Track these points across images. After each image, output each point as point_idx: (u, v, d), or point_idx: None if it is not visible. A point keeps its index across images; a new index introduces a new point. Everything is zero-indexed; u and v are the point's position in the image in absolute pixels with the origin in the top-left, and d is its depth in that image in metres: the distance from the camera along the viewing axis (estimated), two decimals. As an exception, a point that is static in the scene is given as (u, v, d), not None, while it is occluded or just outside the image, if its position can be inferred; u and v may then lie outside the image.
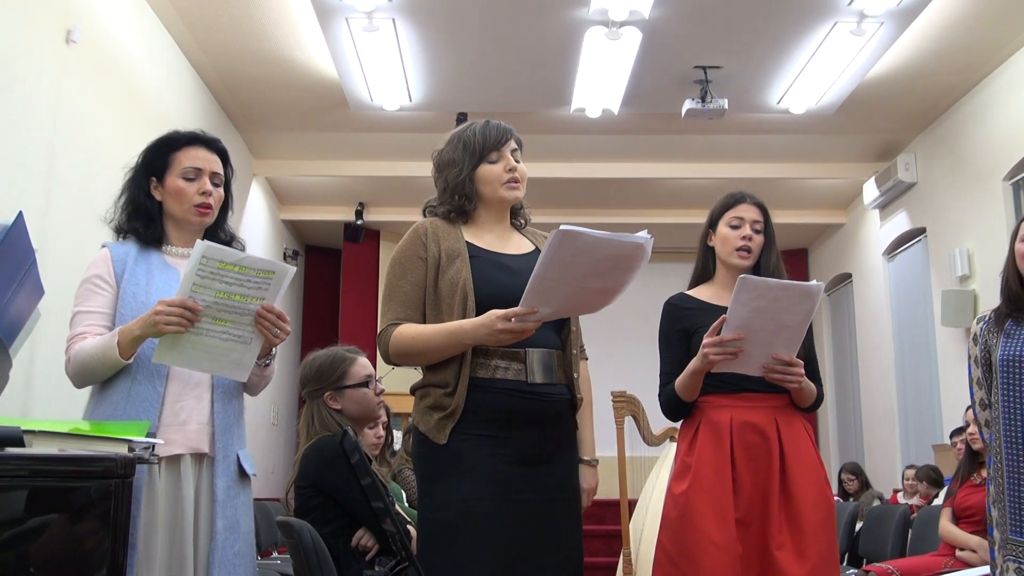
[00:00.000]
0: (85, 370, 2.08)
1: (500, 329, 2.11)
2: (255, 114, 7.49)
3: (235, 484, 2.19)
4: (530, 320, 2.11)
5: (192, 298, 1.99)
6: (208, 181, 2.25)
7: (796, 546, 2.40)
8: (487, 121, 2.44)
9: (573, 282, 2.09)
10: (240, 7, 5.81)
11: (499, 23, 5.96)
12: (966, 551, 3.95)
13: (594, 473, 2.44)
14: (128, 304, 2.13)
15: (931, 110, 7.33)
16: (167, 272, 2.22)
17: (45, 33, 4.47)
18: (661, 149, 8.03)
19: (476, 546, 2.17)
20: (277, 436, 9.45)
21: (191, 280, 1.98)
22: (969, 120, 6.99)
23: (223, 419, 2.19)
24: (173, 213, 2.26)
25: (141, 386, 2.09)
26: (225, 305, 2.03)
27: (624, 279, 2.14)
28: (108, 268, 2.17)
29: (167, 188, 2.24)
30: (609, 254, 2.07)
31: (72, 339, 2.11)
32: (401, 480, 4.93)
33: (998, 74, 6.52)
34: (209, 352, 2.07)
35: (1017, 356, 2.47)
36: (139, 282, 2.16)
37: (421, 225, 2.41)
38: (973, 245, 6.93)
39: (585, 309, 2.28)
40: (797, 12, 5.76)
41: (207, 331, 2.04)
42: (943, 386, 7.36)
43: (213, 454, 2.16)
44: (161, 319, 1.98)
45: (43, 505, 1.22)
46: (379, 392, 3.10)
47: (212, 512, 2.13)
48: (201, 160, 2.26)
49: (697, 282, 2.74)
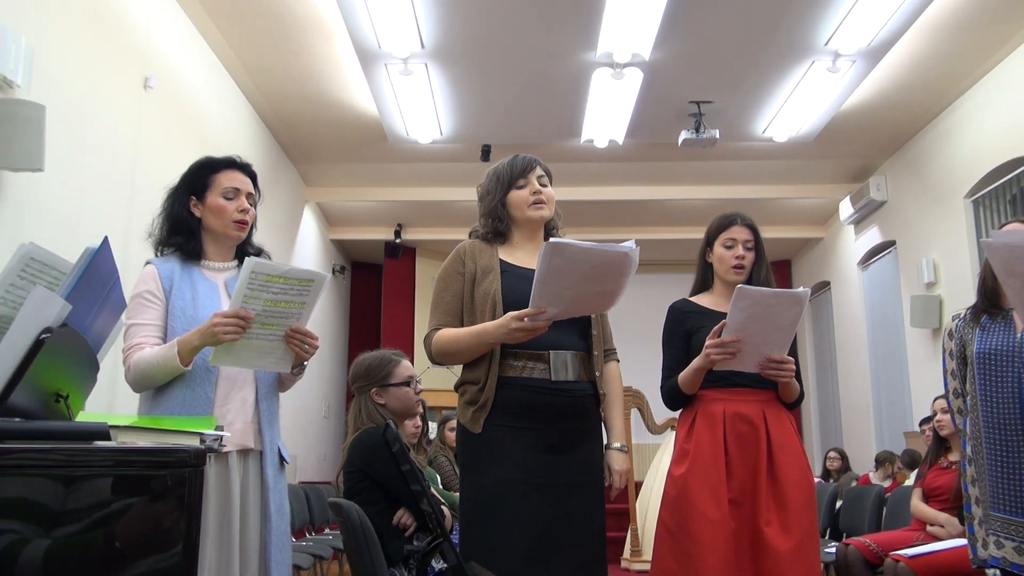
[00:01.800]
0: (146, 377, 2.06)
1: (514, 328, 2.13)
2: (307, 148, 7.54)
3: (278, 472, 2.18)
4: (539, 320, 2.12)
5: (244, 308, 1.98)
6: (245, 200, 2.23)
7: (782, 522, 2.39)
8: (516, 155, 2.46)
9: (572, 286, 2.10)
10: (294, 57, 5.86)
11: (517, 66, 5.97)
12: (935, 526, 3.91)
13: (624, 457, 2.42)
14: (178, 318, 2.11)
15: (899, 137, 7.28)
16: (208, 286, 2.19)
17: (126, 81, 4.53)
18: (661, 174, 8.02)
19: (507, 522, 2.17)
20: (328, 427, 9.48)
21: (243, 293, 1.97)
22: (933, 145, 6.93)
23: (267, 415, 2.17)
24: (213, 228, 2.23)
25: (194, 391, 2.08)
26: (272, 312, 2.02)
27: (619, 283, 2.15)
28: (156, 283, 2.14)
29: (208, 206, 2.21)
30: (598, 262, 2.08)
31: (130, 349, 2.09)
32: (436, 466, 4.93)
33: (959, 104, 6.47)
34: (258, 352, 2.07)
35: (992, 350, 2.45)
36: (186, 297, 2.14)
37: (462, 246, 2.44)
38: (938, 255, 6.87)
39: (590, 309, 2.29)
40: (779, 52, 5.74)
41: (257, 335, 2.04)
42: (912, 379, 7.30)
43: (260, 447, 2.14)
44: (219, 329, 1.97)
45: (127, 490, 1.22)
46: (418, 391, 3.11)
47: (264, 498, 2.12)
48: (239, 181, 2.24)
49: (697, 291, 2.74)
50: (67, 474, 1.19)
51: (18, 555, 1.13)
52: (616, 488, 2.39)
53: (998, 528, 2.40)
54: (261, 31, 5.53)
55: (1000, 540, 2.39)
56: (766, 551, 2.36)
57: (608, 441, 2.42)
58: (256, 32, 5.54)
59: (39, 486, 1.16)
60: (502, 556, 2.15)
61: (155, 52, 4.79)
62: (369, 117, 6.78)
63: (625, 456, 2.42)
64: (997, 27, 5.47)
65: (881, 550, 3.87)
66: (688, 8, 5.15)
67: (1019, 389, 2.38)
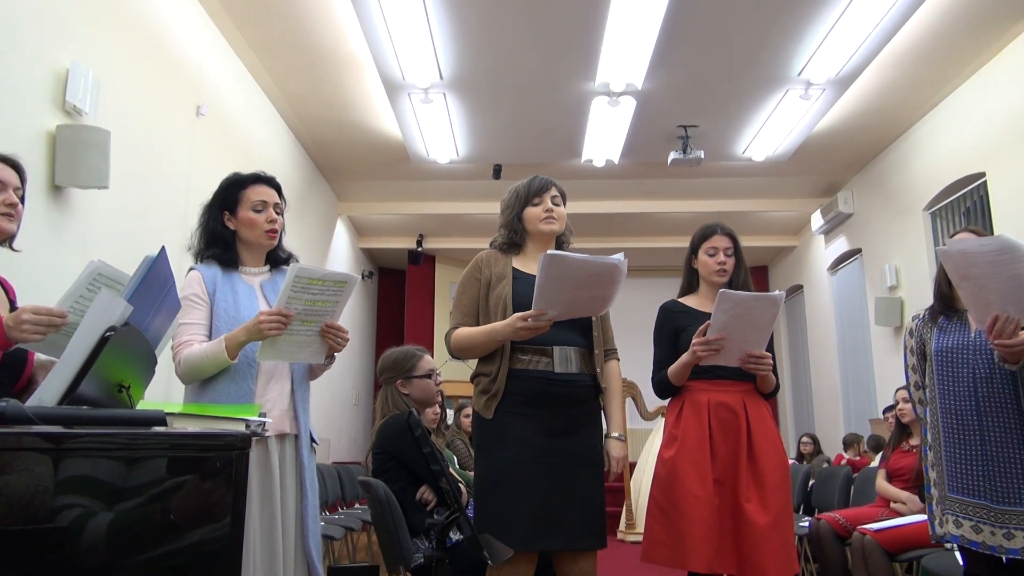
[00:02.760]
0: (195, 370, 2.06)
1: (519, 327, 2.17)
2: (340, 167, 7.56)
3: (310, 454, 2.18)
4: (541, 320, 2.15)
5: (286, 307, 1.98)
6: (273, 211, 2.21)
7: (760, 499, 2.38)
8: (535, 176, 2.48)
9: (568, 291, 2.13)
10: (328, 87, 5.88)
11: (525, 95, 5.97)
12: (898, 503, 3.88)
13: (622, 446, 2.41)
14: (222, 318, 2.10)
15: (865, 156, 7.25)
16: (247, 289, 2.18)
17: (181, 109, 4.55)
18: (652, 190, 8.00)
19: (516, 496, 2.18)
20: (357, 414, 9.49)
21: (287, 294, 1.97)
22: (895, 163, 6.90)
23: (301, 404, 2.17)
24: (247, 239, 2.21)
25: (239, 384, 2.07)
26: (310, 310, 2.02)
27: (611, 289, 2.18)
28: (201, 287, 2.14)
29: (240, 219, 2.20)
30: (591, 271, 2.11)
31: (180, 346, 2.08)
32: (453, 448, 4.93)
33: (918, 126, 6.43)
34: (297, 345, 2.07)
35: (948, 347, 2.44)
36: (228, 299, 2.13)
37: (480, 255, 2.46)
38: (899, 262, 6.83)
39: (586, 312, 2.29)
40: (757, 82, 5.73)
41: (296, 331, 2.04)
42: (877, 371, 7.25)
43: (296, 431, 2.14)
44: (265, 326, 1.97)
45: (180, 470, 1.22)
46: (438, 382, 3.12)
47: (300, 476, 2.12)
48: (265, 195, 2.21)
49: (684, 293, 2.74)
50: (128, 455, 1.19)
51: (85, 526, 1.13)
52: (614, 473, 2.39)
53: (957, 509, 2.38)
54: (299, 64, 5.55)
55: (959, 519, 2.36)
56: (746, 525, 2.35)
57: (608, 430, 2.42)
58: (295, 65, 5.56)
59: (103, 466, 1.17)
60: (511, 527, 2.14)
61: (206, 83, 4.81)
62: (394, 140, 6.79)
63: (623, 444, 2.42)
64: (952, 58, 5.44)
65: (849, 524, 3.85)
66: (676, 43, 5.15)
67: (973, 383, 2.37)
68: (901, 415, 4.14)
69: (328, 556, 4.57)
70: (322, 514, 4.83)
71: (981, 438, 2.33)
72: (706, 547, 2.31)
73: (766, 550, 2.31)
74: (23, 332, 1.61)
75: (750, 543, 2.33)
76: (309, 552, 2.08)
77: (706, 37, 5.14)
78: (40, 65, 3.25)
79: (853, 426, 7.73)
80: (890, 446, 4.21)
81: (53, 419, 1.22)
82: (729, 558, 2.35)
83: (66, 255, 3.32)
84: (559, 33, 5.08)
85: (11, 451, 1.12)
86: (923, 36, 5.17)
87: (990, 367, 2.34)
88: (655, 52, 5.20)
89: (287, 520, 2.06)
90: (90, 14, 3.60)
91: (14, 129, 3.09)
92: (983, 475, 2.32)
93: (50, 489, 1.12)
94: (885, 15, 4.75)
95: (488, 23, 4.98)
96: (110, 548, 1.13)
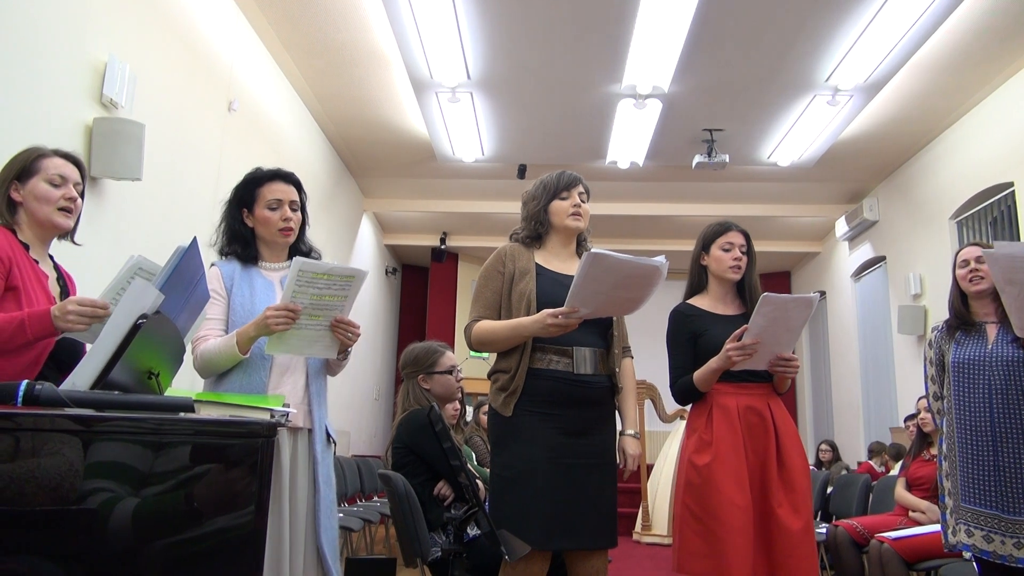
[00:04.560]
0: (210, 364, 2.07)
1: (549, 323, 2.13)
2: (366, 164, 7.59)
3: (325, 448, 2.16)
4: (572, 318, 2.12)
5: (293, 301, 1.98)
6: (288, 209, 2.20)
7: (792, 504, 2.32)
8: (564, 171, 2.45)
9: (604, 291, 2.10)
10: (357, 85, 5.91)
11: (551, 96, 5.96)
12: (917, 512, 3.82)
13: (637, 443, 2.39)
14: (238, 312, 2.11)
15: (891, 163, 7.15)
16: (265, 284, 2.18)
17: (213, 104, 4.59)
18: (676, 193, 7.95)
19: (533, 496, 2.16)
20: (378, 408, 9.53)
21: (292, 289, 1.96)
22: (922, 171, 6.80)
23: (316, 398, 2.16)
24: (263, 236, 2.22)
25: (251, 376, 2.08)
26: (318, 304, 2.01)
27: (646, 291, 2.15)
28: (220, 283, 2.14)
29: (256, 217, 2.20)
30: (631, 273, 2.08)
31: (197, 340, 2.10)
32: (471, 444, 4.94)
33: (946, 135, 6.34)
34: (307, 340, 2.05)
35: (965, 360, 2.42)
36: (245, 294, 2.13)
37: (503, 249, 2.42)
38: (924, 270, 6.73)
39: (617, 312, 2.27)
40: (784, 87, 5.67)
41: (305, 325, 2.02)
42: (899, 380, 7.15)
43: (310, 425, 2.13)
44: (272, 321, 1.97)
45: (206, 457, 1.23)
46: (459, 379, 3.11)
47: (314, 471, 2.10)
48: (280, 192, 2.20)
49: (692, 293, 2.64)
50: (156, 440, 1.20)
51: (112, 511, 1.14)
52: (630, 470, 2.36)
53: (969, 519, 2.36)
54: (329, 62, 5.58)
55: (970, 529, 2.35)
56: (779, 530, 2.28)
57: (623, 428, 2.40)
58: (325, 63, 5.60)
59: (131, 451, 1.18)
60: (529, 525, 2.14)
61: (238, 80, 4.86)
62: (420, 138, 6.81)
63: (637, 442, 2.39)
64: (983, 66, 5.35)
65: (867, 532, 3.80)
66: (704, 47, 5.11)
67: (988, 395, 2.35)
68: (923, 424, 4.08)
69: (346, 547, 4.60)
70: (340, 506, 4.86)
71: (994, 449, 2.31)
72: (748, 557, 2.24)
73: (800, 555, 2.25)
74: (68, 322, 1.70)
75: (782, 549, 2.27)
76: (322, 548, 2.06)
77: (734, 41, 5.10)
78: (79, 59, 3.29)
79: (873, 434, 7.63)
80: (911, 455, 4.15)
81: (85, 403, 1.24)
82: (762, 566, 2.28)
83: (99, 245, 3.37)
84: (587, 35, 5.07)
85: (44, 432, 1.14)
86: (954, 43, 5.08)
87: (1006, 380, 2.32)
88: (682, 55, 5.17)
89: (297, 516, 2.04)
90: (127, 9, 3.65)
91: (54, 121, 3.14)
92: (995, 486, 2.30)
93: (79, 472, 1.14)
94: (916, 21, 4.68)
95: (516, 24, 4.97)
96: (136, 532, 1.15)
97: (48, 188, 1.90)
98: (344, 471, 5.23)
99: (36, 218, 1.90)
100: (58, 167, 1.92)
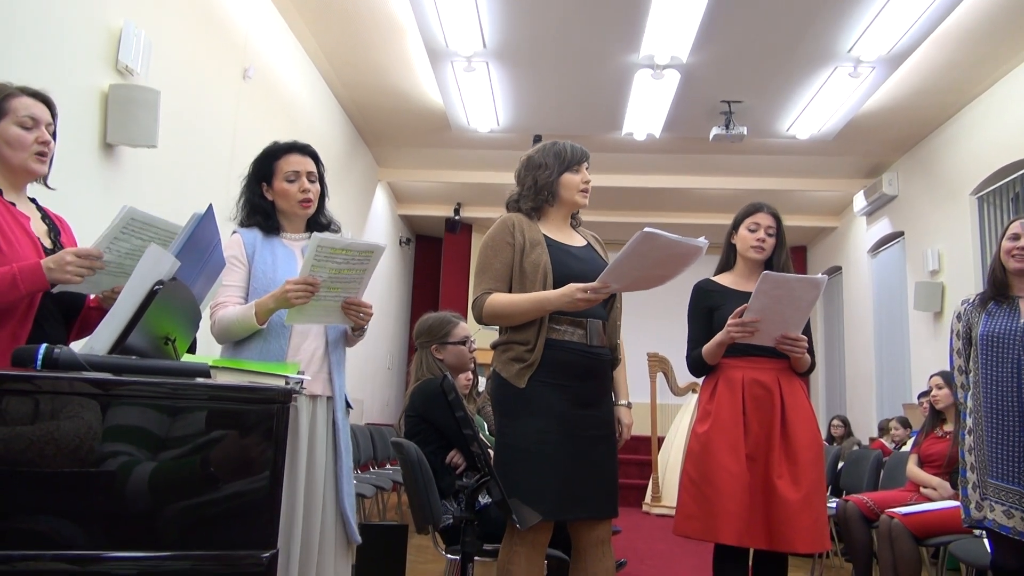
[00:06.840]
0: (227, 332, 2.09)
1: (579, 298, 2.12)
2: (381, 134, 7.57)
3: (344, 416, 2.18)
4: (601, 293, 2.12)
5: (312, 275, 1.98)
6: (306, 180, 2.20)
7: (792, 476, 2.36)
8: (572, 143, 2.41)
9: (643, 268, 2.09)
10: (372, 53, 5.86)
11: (568, 66, 5.90)
12: (928, 488, 3.82)
13: (630, 412, 2.45)
14: (259, 280, 2.12)
15: (911, 137, 7.04)
16: (287, 253, 2.20)
17: (228, 71, 4.58)
18: (693, 165, 7.88)
19: (544, 467, 2.18)
20: (391, 377, 9.60)
21: (311, 263, 1.97)
22: (943, 146, 6.69)
23: (336, 366, 2.17)
24: (283, 209, 2.22)
25: (270, 343, 2.09)
26: (337, 278, 2.02)
27: (679, 269, 2.14)
28: (241, 250, 2.15)
29: (275, 190, 2.20)
30: (675, 252, 2.07)
31: (216, 307, 2.11)
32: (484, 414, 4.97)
33: (968, 109, 6.23)
34: (326, 311, 2.08)
35: (995, 333, 2.41)
36: (267, 262, 2.14)
37: (508, 218, 2.37)
38: (943, 246, 6.65)
39: (642, 287, 2.25)
40: (805, 58, 5.58)
41: (324, 297, 2.04)
42: (913, 357, 7.12)
43: (330, 393, 2.14)
44: (292, 294, 1.98)
45: (223, 422, 1.24)
46: (472, 350, 3.12)
47: (335, 438, 2.12)
48: (298, 164, 2.20)
49: (721, 270, 2.70)
50: (172, 404, 1.21)
51: (130, 474, 1.16)
52: (624, 439, 2.39)
53: (991, 493, 2.36)
54: (345, 30, 5.54)
55: (992, 504, 2.35)
56: (777, 501, 2.33)
57: (617, 398, 2.43)
58: (340, 31, 5.55)
59: (148, 415, 1.19)
60: (541, 496, 2.15)
61: (253, 47, 4.83)
62: (435, 107, 6.76)
63: (630, 411, 2.44)
64: (1008, 39, 5.24)
65: (877, 507, 3.81)
66: (723, 16, 5.02)
67: (1018, 371, 2.33)
68: (935, 401, 4.06)
69: (360, 513, 4.66)
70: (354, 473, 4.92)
71: (1021, 425, 2.30)
72: (737, 521, 2.31)
73: (796, 525, 2.30)
74: (65, 274, 1.68)
75: (780, 518, 2.32)
76: (345, 511, 2.10)
77: (754, 11, 5.00)
78: (95, 25, 3.28)
79: (886, 410, 7.62)
80: (923, 431, 4.14)
81: (103, 367, 1.25)
82: (759, 533, 2.34)
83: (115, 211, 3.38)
84: (604, 4, 4.99)
85: (63, 395, 1.16)
86: (980, 14, 4.97)
87: None
88: (701, 25, 5.08)
89: (315, 482, 2.06)
90: (143, -26, 3.62)
91: (70, 87, 3.14)
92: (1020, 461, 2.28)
93: (98, 435, 1.16)
94: (942, -8, 4.58)
95: (533, -8, 4.90)
96: (153, 495, 1.16)
97: (20, 132, 1.78)
98: (358, 439, 5.28)
99: (10, 164, 1.80)
100: (28, 107, 1.80)
